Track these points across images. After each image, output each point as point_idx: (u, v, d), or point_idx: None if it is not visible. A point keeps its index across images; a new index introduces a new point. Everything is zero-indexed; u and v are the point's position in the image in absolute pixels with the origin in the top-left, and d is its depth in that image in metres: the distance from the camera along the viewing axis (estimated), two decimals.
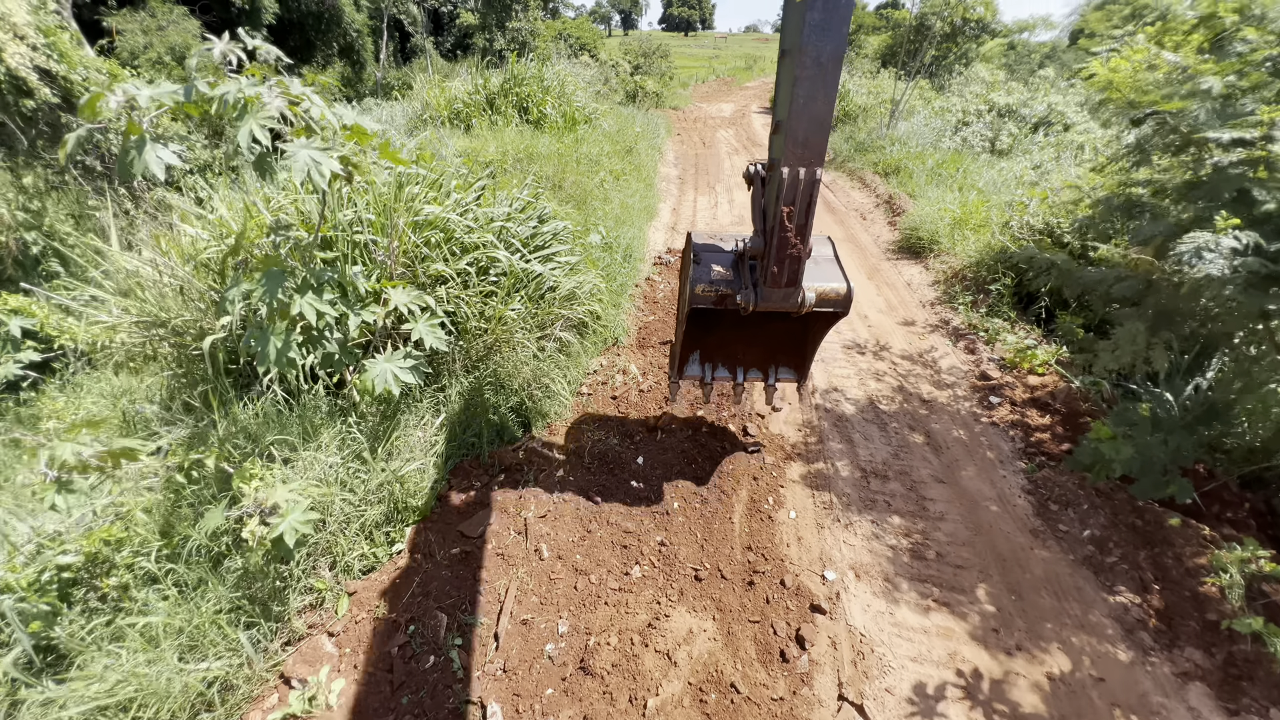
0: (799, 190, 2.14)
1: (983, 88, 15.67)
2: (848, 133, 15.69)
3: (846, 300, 2.54)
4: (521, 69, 8.74)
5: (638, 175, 9.67)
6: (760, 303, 2.41)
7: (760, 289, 2.41)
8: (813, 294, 2.45)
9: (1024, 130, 12.73)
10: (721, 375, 3.28)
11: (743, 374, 3.29)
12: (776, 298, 2.40)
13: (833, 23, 1.84)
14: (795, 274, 2.33)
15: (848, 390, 4.55)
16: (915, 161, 10.62)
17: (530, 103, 8.53)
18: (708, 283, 2.44)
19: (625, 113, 12.68)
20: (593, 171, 7.27)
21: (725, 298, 2.45)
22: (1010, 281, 5.51)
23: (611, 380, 4.42)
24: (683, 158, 14.72)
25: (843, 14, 1.84)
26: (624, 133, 10.05)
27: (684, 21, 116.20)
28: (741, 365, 3.29)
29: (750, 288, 2.42)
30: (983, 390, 4.56)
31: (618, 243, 6.07)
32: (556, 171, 6.72)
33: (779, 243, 2.24)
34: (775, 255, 2.27)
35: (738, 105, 27.03)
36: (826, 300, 2.51)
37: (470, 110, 8.38)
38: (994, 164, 10.21)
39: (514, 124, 8.30)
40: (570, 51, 26.70)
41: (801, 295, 2.42)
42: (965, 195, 8.07)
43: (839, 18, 1.84)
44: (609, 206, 6.90)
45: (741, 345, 3.20)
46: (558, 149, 7.04)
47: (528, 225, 4.11)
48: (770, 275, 2.33)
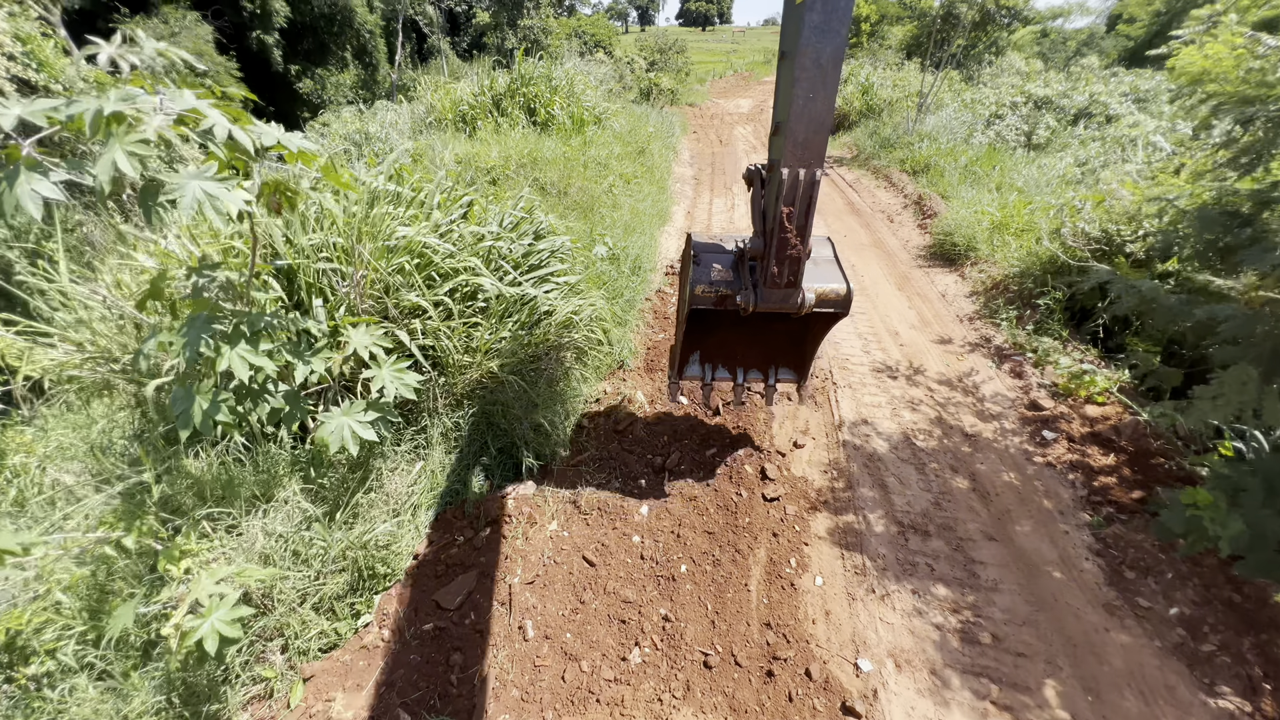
0: (799, 191, 2.13)
1: (1018, 78, 14.83)
2: (871, 128, 15.00)
3: (846, 301, 2.53)
4: (529, 68, 8.36)
5: (650, 177, 9.23)
6: (760, 303, 2.41)
7: (760, 290, 2.40)
8: (813, 295, 2.44)
9: (1063, 123, 11.94)
10: (722, 376, 3.28)
11: (743, 374, 3.28)
12: (776, 298, 2.40)
13: (832, 24, 1.83)
14: (795, 275, 2.32)
15: (879, 423, 4.07)
16: (946, 159, 9.97)
17: (538, 104, 8.15)
18: (708, 283, 2.44)
19: (638, 111, 12.24)
20: (601, 176, 6.86)
21: (725, 298, 2.46)
22: (1061, 296, 4.95)
23: (615, 412, 4.01)
24: (698, 156, 14.22)
25: (842, 15, 1.83)
26: (636, 133, 9.62)
27: (702, 16, 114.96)
28: (742, 366, 3.28)
29: (750, 288, 2.42)
30: (1034, 423, 4.03)
31: (626, 254, 5.66)
32: (562, 177, 6.33)
33: (779, 243, 2.23)
34: (775, 256, 2.26)
35: (756, 101, 26.35)
36: (826, 301, 2.51)
37: (476, 112, 8.05)
38: (1032, 160, 9.52)
39: (520, 126, 7.94)
40: (585, 49, 26.35)
41: (801, 296, 2.42)
42: (1004, 196, 7.45)
43: (839, 19, 1.83)
44: (618, 214, 6.49)
45: (742, 346, 3.20)
46: (564, 153, 6.65)
47: (523, 242, 3.72)
48: (770, 276, 2.32)
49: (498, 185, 5.99)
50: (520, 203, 3.99)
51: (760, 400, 4.04)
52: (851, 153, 14.51)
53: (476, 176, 5.99)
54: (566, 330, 3.61)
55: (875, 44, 34.05)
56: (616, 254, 5.58)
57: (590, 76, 11.81)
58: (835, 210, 9.39)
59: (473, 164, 6.08)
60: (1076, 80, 13.51)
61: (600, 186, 6.61)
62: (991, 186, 8.50)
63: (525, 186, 5.68)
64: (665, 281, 6.25)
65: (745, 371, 3.28)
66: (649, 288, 5.98)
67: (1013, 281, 5.64)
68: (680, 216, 8.96)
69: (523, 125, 8.01)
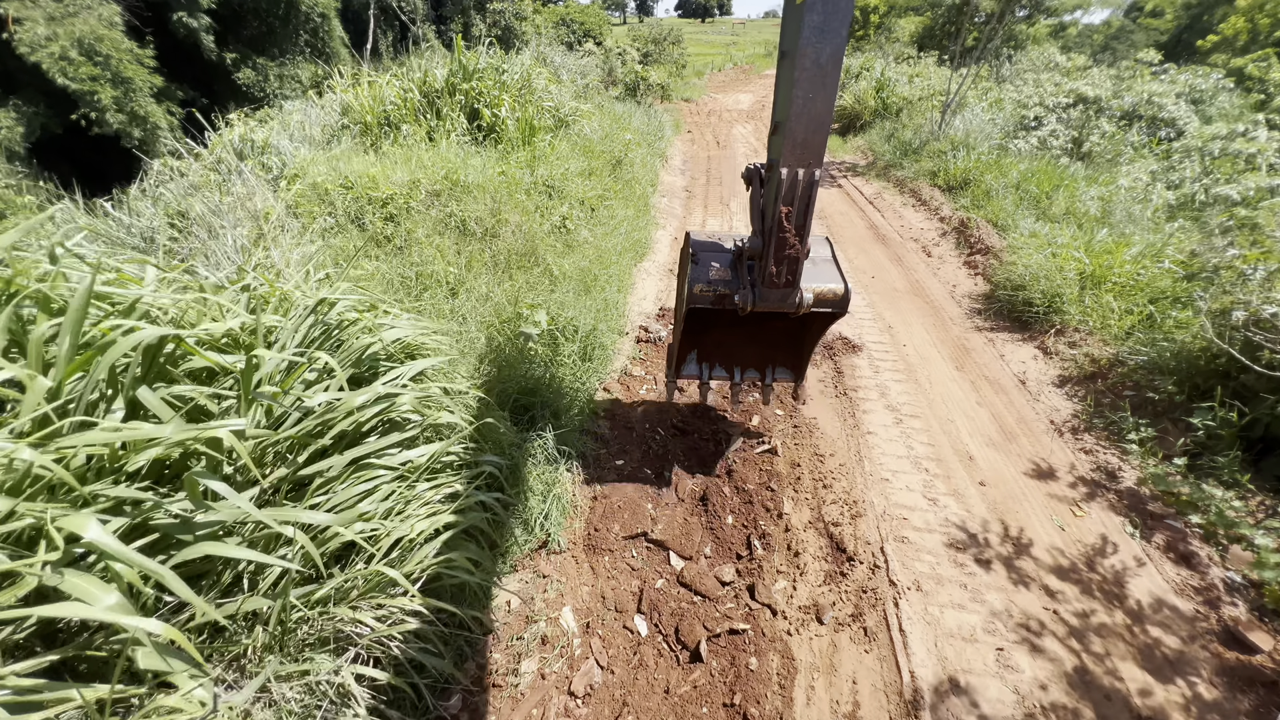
0: (798, 191, 2.11)
1: (1056, 74, 13.05)
2: (887, 130, 13.22)
3: (844, 301, 2.51)
4: (471, 58, 6.57)
5: (628, 195, 7.45)
6: (758, 303, 2.38)
7: (758, 289, 2.37)
8: (810, 294, 2.42)
9: (1119, 128, 10.18)
10: (719, 375, 3.27)
11: (740, 374, 3.27)
12: (774, 298, 2.37)
13: (832, 24, 1.82)
14: (793, 274, 2.30)
15: (980, 685, 2.33)
16: (989, 173, 8.20)
17: (482, 104, 6.38)
18: (706, 282, 2.44)
19: (620, 111, 10.42)
20: (551, 205, 5.08)
21: (723, 298, 2.45)
22: (1236, 418, 3.21)
23: (510, 683, 2.26)
24: (692, 161, 12.41)
25: (842, 16, 1.82)
26: (613, 139, 7.83)
27: (701, 7, 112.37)
28: (739, 365, 3.27)
29: (748, 288, 2.39)
30: (1247, 682, 2.31)
31: (574, 326, 3.91)
32: (493, 210, 4.56)
33: (777, 243, 2.22)
34: (774, 255, 2.26)
35: (757, 96, 24.50)
36: (824, 301, 2.49)
37: (403, 116, 6.27)
38: (1092, 176, 7.76)
39: (457, 134, 6.16)
40: (572, 38, 24.40)
41: (799, 296, 2.39)
42: (1087, 232, 5.71)
43: (839, 19, 1.82)
44: (571, 258, 4.73)
45: (739, 345, 3.17)
46: (499, 172, 4.88)
47: (317, 393, 1.96)
48: (768, 275, 2.31)
49: (396, 223, 4.22)
50: (339, 304, 2.22)
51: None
52: (866, 158, 12.73)
53: (365, 211, 4.22)
54: (379, 593, 1.86)
55: (882, 36, 32.16)
56: (560, 326, 3.83)
57: (564, 69, 9.98)
58: (856, 237, 7.63)
59: (366, 192, 4.31)
60: (1128, 78, 11.74)
61: (548, 222, 4.84)
62: (1055, 212, 6.76)
63: (432, 231, 3.94)
64: (634, 355, 4.50)
65: (742, 371, 3.28)
66: (609, 368, 4.23)
67: (1137, 375, 3.91)
68: (664, 245, 7.19)
69: (460, 132, 6.23)
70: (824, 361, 4.60)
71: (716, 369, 3.24)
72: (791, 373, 3.25)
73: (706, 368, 3.24)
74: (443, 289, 3.71)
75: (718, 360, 3.24)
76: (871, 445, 3.66)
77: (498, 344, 3.40)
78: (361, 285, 3.45)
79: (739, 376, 3.24)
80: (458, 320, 3.45)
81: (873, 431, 3.79)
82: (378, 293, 3.33)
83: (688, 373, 3.24)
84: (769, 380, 3.24)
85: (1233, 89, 12.82)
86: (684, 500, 3.21)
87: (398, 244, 4.11)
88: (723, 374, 3.25)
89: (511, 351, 3.30)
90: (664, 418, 3.84)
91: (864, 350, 4.77)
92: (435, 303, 3.53)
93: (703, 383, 3.24)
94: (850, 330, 5.10)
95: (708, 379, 3.23)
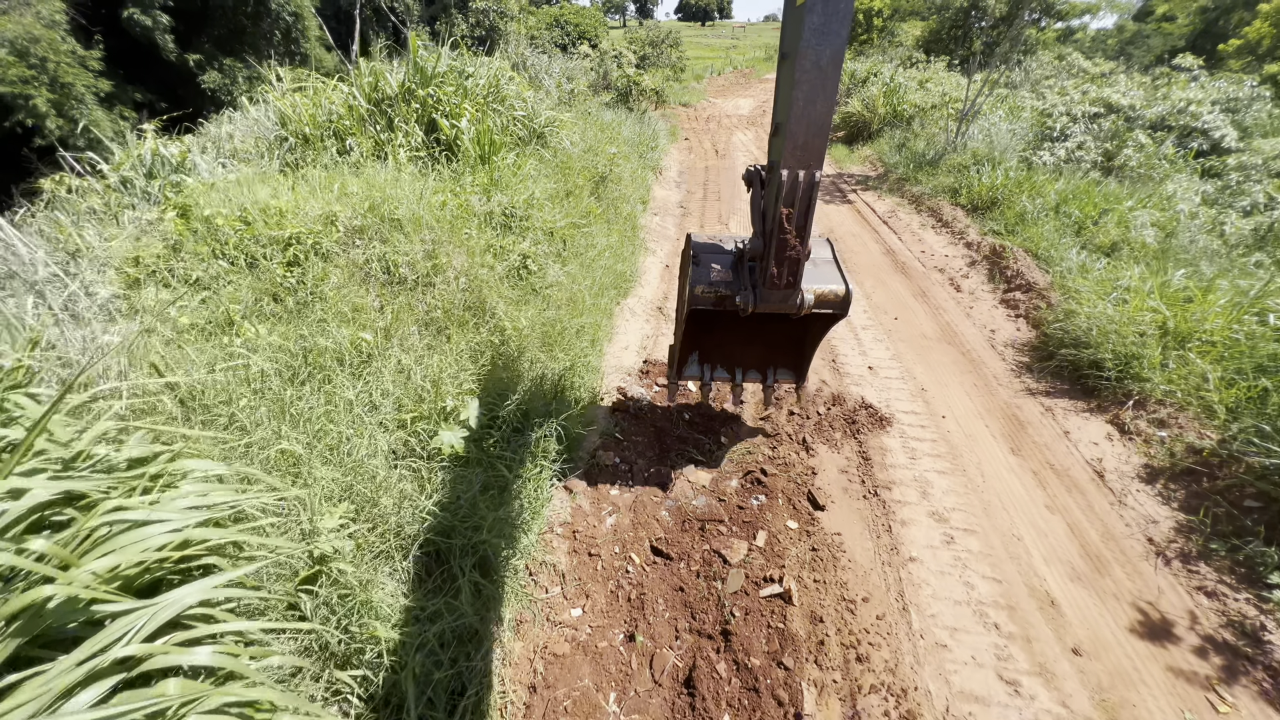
0: (798, 192, 2.09)
1: (1083, 81, 12.14)
2: (898, 139, 12.33)
3: (845, 302, 2.50)
4: (429, 59, 5.65)
5: (613, 217, 6.53)
6: (759, 304, 2.38)
7: (759, 290, 2.37)
8: (811, 295, 2.42)
9: (1157, 142, 9.27)
10: (720, 376, 3.27)
11: (741, 375, 3.27)
12: (775, 299, 2.37)
13: (832, 26, 1.82)
14: (794, 276, 2.29)
15: None
16: (1021, 192, 7.29)
17: (440, 112, 5.47)
18: (707, 284, 2.43)
19: (610, 119, 9.51)
20: (508, 242, 4.14)
21: (725, 299, 2.44)
22: None
23: None
24: (689, 173, 11.50)
25: (842, 17, 1.81)
26: (597, 152, 6.91)
27: (701, 11, 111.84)
28: (740, 366, 3.27)
29: (749, 289, 2.39)
30: None
31: (522, 412, 2.99)
32: (432, 251, 3.63)
33: (778, 244, 2.21)
34: (775, 257, 2.24)
35: (757, 101, 23.66)
36: (825, 302, 2.48)
37: (349, 128, 5.36)
38: (1147, 198, 6.85)
39: (409, 149, 5.23)
40: (568, 40, 23.52)
41: (800, 297, 2.38)
42: (1155, 271, 4.78)
43: (839, 21, 1.81)
44: (531, 309, 3.81)
45: (740, 346, 3.17)
46: (442, 202, 3.93)
47: None
48: (769, 277, 2.29)
49: (304, 269, 3.30)
50: None
51: None
52: (876, 169, 11.83)
53: (267, 255, 3.29)
54: None
55: (885, 40, 31.31)
56: (500, 419, 2.90)
57: (546, 73, 9.07)
58: (872, 265, 6.71)
59: (271, 228, 3.39)
60: (1162, 85, 10.87)
61: (504, 263, 3.91)
62: (1103, 242, 5.85)
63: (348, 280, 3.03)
64: (612, 427, 3.57)
65: (744, 372, 3.26)
66: (575, 450, 3.30)
67: (1263, 482, 2.97)
68: (654, 275, 6.27)
69: (415, 147, 5.30)
70: (846, 443, 3.67)
71: (718, 370, 3.25)
72: (793, 374, 3.26)
73: (708, 368, 3.23)
74: (347, 368, 2.78)
75: (719, 361, 3.25)
76: (917, 582, 2.73)
77: (402, 460, 2.46)
78: (222, 366, 2.51)
79: (740, 377, 3.26)
80: (348, 424, 2.51)
81: (916, 557, 2.86)
82: (234, 390, 2.39)
83: (690, 373, 3.25)
84: (770, 381, 3.25)
85: (1269, 97, 11.97)
86: (661, 684, 2.28)
87: (302, 298, 3.18)
88: (724, 375, 3.26)
89: (419, 479, 2.36)
90: (640, 533, 2.92)
91: (895, 424, 3.84)
92: (325, 395, 2.59)
93: (704, 383, 3.26)
94: (876, 394, 4.17)
95: (709, 380, 3.24)
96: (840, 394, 4.15)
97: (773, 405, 3.87)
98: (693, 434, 3.71)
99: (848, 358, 4.68)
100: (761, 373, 3.28)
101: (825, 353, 4.76)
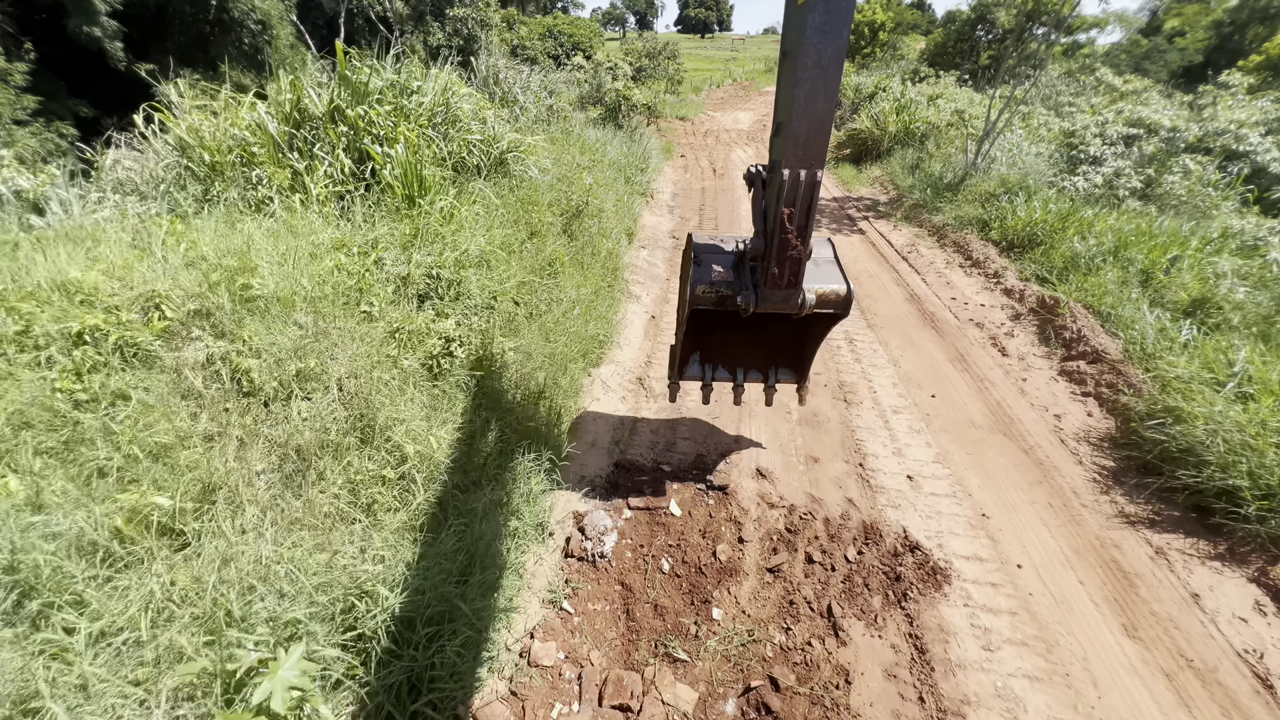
0: (800, 192, 2.09)
1: (1113, 99, 11.21)
2: (910, 159, 11.38)
3: (846, 302, 2.49)
4: (360, 73, 4.64)
5: (590, 258, 5.49)
6: (761, 304, 2.37)
7: (761, 290, 2.35)
8: (813, 295, 2.40)
9: (1205, 167, 8.30)
10: (722, 376, 3.23)
11: (742, 375, 3.22)
12: (777, 299, 2.36)
13: (834, 25, 1.82)
14: (796, 275, 2.28)
15: None
16: (1069, 230, 6.26)
17: (372, 136, 4.45)
18: (708, 284, 2.42)
19: (595, 138, 8.51)
20: (421, 326, 3.06)
21: (726, 299, 2.43)
22: None
23: None
24: (684, 195, 10.51)
25: (844, 16, 1.81)
26: (571, 181, 5.87)
27: (701, 23, 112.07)
28: (742, 366, 3.23)
29: (751, 289, 2.37)
30: None
31: (387, 629, 1.92)
32: (302, 348, 2.57)
33: (780, 244, 2.20)
34: (776, 257, 2.23)
35: (758, 114, 22.83)
36: (826, 302, 2.47)
37: (257, 157, 4.34)
38: (1210, 238, 5.83)
39: (332, 184, 4.20)
40: (561, 51, 22.70)
41: (802, 297, 2.37)
42: (1274, 346, 3.73)
43: (840, 20, 1.81)
44: (449, 426, 2.76)
45: (742, 346, 3.15)
46: (331, 268, 2.85)
47: None
48: (771, 277, 2.29)
49: (103, 380, 2.24)
50: None
51: None
52: (888, 193, 10.86)
53: (44, 360, 2.23)
54: None
55: (888, 54, 30.61)
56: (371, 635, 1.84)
57: (525, 86, 8.08)
58: (895, 315, 5.67)
59: (59, 316, 2.33)
60: (1207, 104, 9.92)
61: (418, 353, 2.84)
62: (1181, 298, 4.82)
63: (171, 393, 2.00)
64: (561, 586, 2.50)
65: (745, 372, 3.22)
66: (498, 662, 2.23)
67: None
68: (637, 330, 5.22)
69: (340, 180, 4.27)
70: (889, 615, 2.59)
71: (719, 370, 3.24)
72: (794, 374, 3.23)
73: (709, 369, 3.23)
74: (103, 571, 1.71)
75: (720, 361, 3.24)
76: None
77: None
78: None
79: (742, 378, 3.23)
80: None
81: None
82: None
83: (691, 374, 3.24)
84: (772, 382, 3.22)
85: None
86: None
87: (83, 432, 2.12)
88: (725, 375, 3.24)
89: None
90: None
91: (953, 581, 2.77)
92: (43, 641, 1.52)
93: (705, 384, 3.23)
94: (921, 522, 3.11)
95: (710, 380, 3.21)
96: (873, 523, 3.09)
97: (784, 550, 2.80)
98: (673, 598, 2.64)
99: (879, 459, 3.63)
100: (763, 373, 3.22)
101: (850, 451, 3.71)
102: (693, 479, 3.42)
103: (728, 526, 3.07)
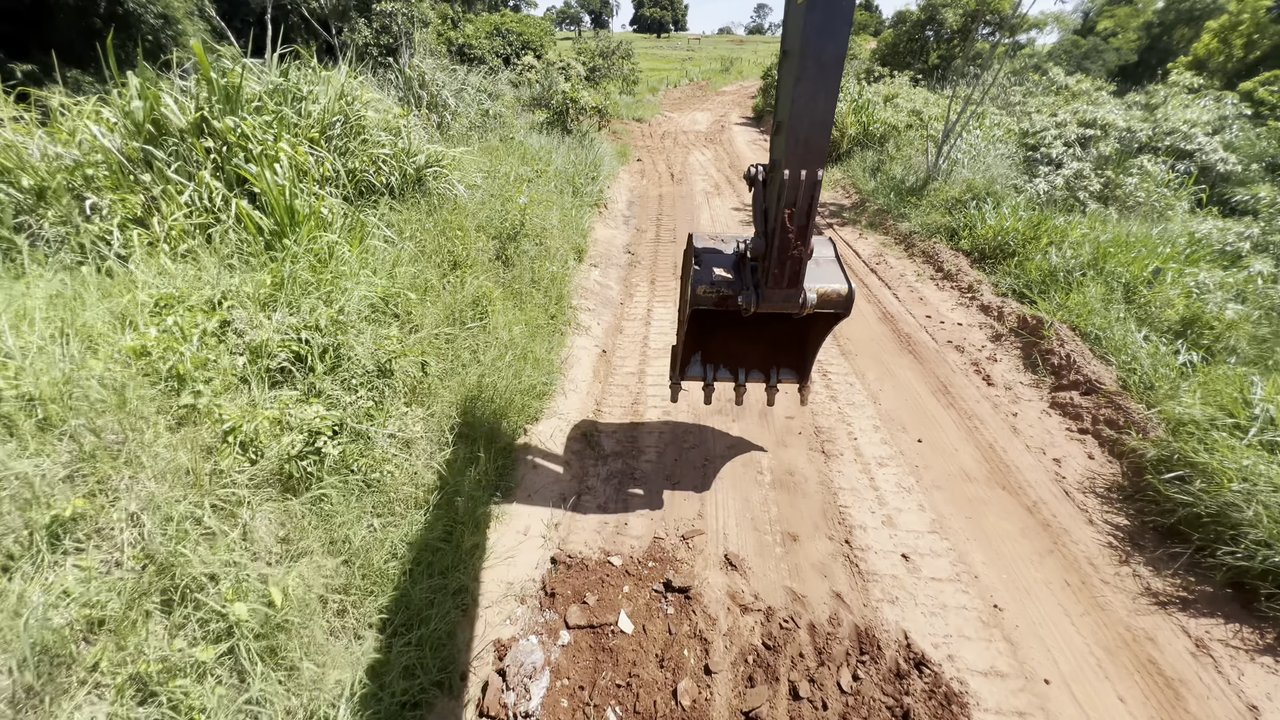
0: (800, 192, 2.08)
1: (1066, 99, 11.18)
2: (871, 161, 11.07)
3: (848, 301, 2.48)
4: (232, 79, 3.80)
5: (530, 285, 4.78)
6: (762, 304, 2.37)
7: (762, 290, 2.36)
8: (814, 295, 2.40)
9: (1160, 167, 8.21)
10: (723, 376, 3.22)
11: (744, 375, 3.21)
12: (778, 299, 2.36)
13: (834, 24, 1.80)
14: (796, 275, 2.28)
15: None
16: (1042, 239, 5.92)
17: (250, 156, 3.64)
18: (709, 284, 2.43)
19: (539, 145, 7.77)
20: (280, 416, 2.31)
21: (727, 299, 2.44)
22: None
23: None
24: (640, 202, 9.88)
25: (844, 15, 1.79)
26: (507, 198, 5.15)
27: (656, 23, 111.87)
28: (743, 366, 3.22)
29: (751, 289, 2.38)
30: None
31: None
32: (74, 472, 1.80)
33: (780, 244, 2.19)
34: (777, 256, 2.23)
35: (715, 115, 22.47)
36: (828, 301, 2.47)
37: (94, 181, 3.46)
38: (1181, 250, 5.58)
39: (196, 215, 3.37)
40: (510, 51, 21.71)
41: (803, 296, 2.37)
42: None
43: (841, 18, 1.79)
44: (302, 564, 2.02)
45: (743, 346, 3.15)
46: (134, 350, 2.06)
47: None
48: (772, 276, 2.28)
49: None
50: None
51: None
52: (850, 197, 10.50)
53: None
54: None
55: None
56: None
57: (458, 90, 7.26)
58: (869, 338, 5.17)
59: None
60: (1159, 104, 9.94)
61: (273, 453, 2.10)
62: (1169, 316, 4.48)
63: None
64: None
65: (747, 372, 3.21)
66: None
67: None
68: (584, 373, 4.55)
69: (203, 210, 3.44)
70: None
71: (721, 370, 3.20)
72: (796, 373, 3.20)
73: (711, 369, 3.19)
74: None
75: (722, 362, 3.21)
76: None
77: None
78: None
79: (743, 378, 3.18)
80: None
81: None
82: None
83: (692, 374, 3.19)
84: (773, 382, 3.18)
85: (1248, 115, 11.32)
86: None
87: None
88: (727, 375, 3.20)
89: None
90: None
91: (972, 714, 2.22)
92: None
93: (707, 384, 3.17)
94: (924, 621, 2.56)
95: (712, 380, 3.17)
96: (869, 628, 2.53)
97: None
98: None
99: (868, 533, 3.07)
100: (764, 373, 3.21)
101: (834, 523, 3.14)
102: (648, 574, 2.79)
103: (691, 646, 2.44)
